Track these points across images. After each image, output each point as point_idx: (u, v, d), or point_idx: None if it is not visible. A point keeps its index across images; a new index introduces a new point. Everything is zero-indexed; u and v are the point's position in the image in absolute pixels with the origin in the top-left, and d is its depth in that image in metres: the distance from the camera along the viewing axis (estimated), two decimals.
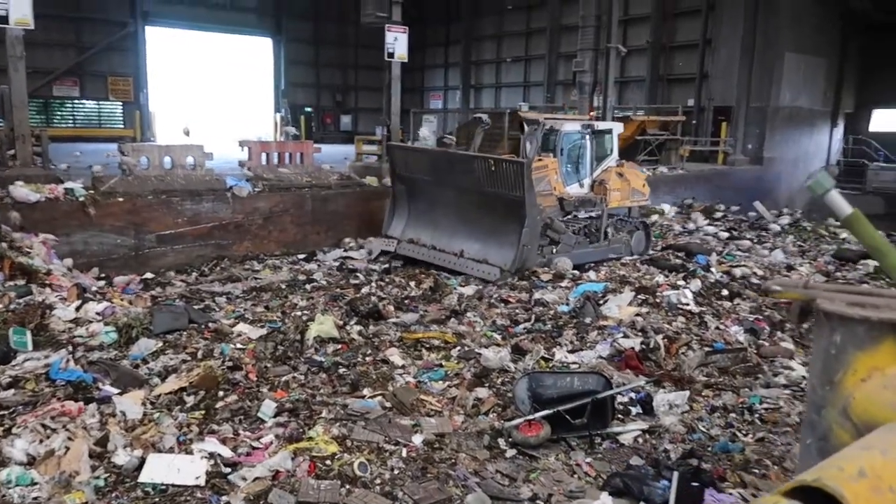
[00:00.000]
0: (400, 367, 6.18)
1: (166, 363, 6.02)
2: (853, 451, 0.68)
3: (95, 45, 28.10)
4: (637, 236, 12.35)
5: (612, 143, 12.69)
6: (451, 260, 10.57)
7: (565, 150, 12.19)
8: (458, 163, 11.11)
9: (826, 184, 0.82)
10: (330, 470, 4.28)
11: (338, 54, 35.20)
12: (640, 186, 12.83)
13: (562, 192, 11.65)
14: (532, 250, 10.12)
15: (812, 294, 0.89)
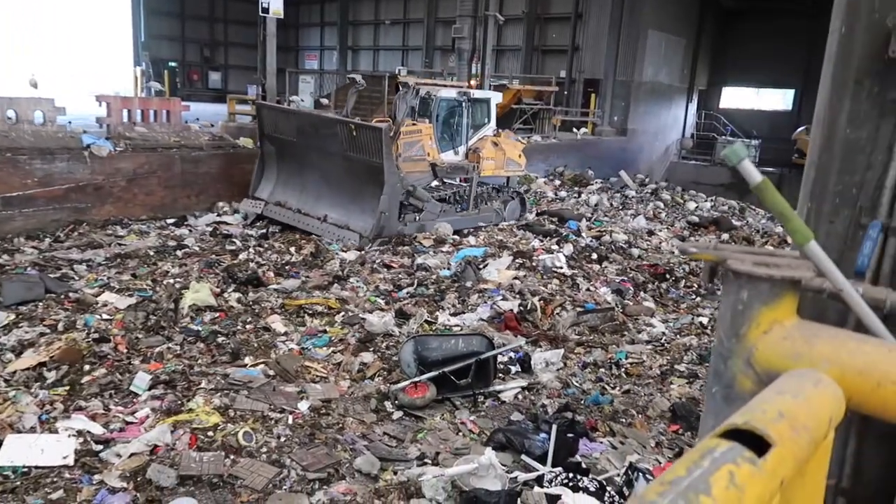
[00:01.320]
0: (282, 335, 6.05)
1: (21, 337, 5.52)
2: (769, 396, 0.77)
3: None
4: (511, 206, 12.61)
5: (490, 113, 12.82)
6: (314, 224, 10.39)
7: (441, 116, 12.20)
8: (322, 126, 10.86)
9: (741, 153, 0.91)
10: (213, 441, 4.15)
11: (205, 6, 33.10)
12: (515, 157, 13.05)
13: (436, 158, 11.66)
14: (392, 217, 10.05)
15: (723, 255, 0.97)
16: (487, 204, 12.18)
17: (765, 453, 0.65)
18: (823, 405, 0.79)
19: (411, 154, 11.19)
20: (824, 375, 0.85)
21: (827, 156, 1.70)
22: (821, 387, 0.82)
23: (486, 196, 12.26)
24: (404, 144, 11.09)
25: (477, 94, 13.00)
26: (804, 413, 0.73)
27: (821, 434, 0.76)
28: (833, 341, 0.92)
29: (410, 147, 11.18)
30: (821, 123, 1.73)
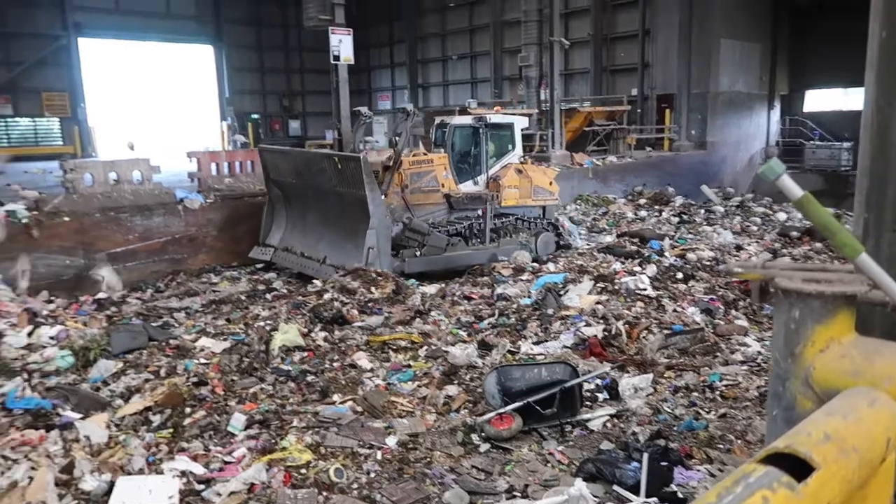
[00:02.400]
0: (368, 371, 6.17)
1: (128, 383, 5.88)
2: (818, 418, 0.74)
3: (26, 61, 27.12)
4: (544, 238, 11.88)
5: (514, 138, 12.12)
6: (315, 267, 9.99)
7: (457, 144, 11.69)
8: (313, 163, 10.53)
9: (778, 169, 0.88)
10: (306, 478, 4.26)
11: (282, 59, 34.82)
12: (545, 184, 12.24)
13: (452, 188, 11.18)
14: (383, 253, 9.50)
15: (770, 273, 0.95)
16: (511, 236, 11.51)
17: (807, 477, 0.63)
18: (879, 425, 0.75)
19: (420, 185, 10.80)
20: (882, 394, 0.81)
21: (881, 163, 1.62)
22: (877, 406, 0.78)
23: (510, 228, 11.57)
24: (411, 175, 10.73)
25: (496, 119, 12.32)
26: (855, 434, 0.70)
27: (876, 456, 0.72)
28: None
29: (419, 178, 10.78)
30: (869, 129, 1.66)
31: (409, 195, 10.71)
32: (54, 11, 27.74)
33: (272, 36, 34.22)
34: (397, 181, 10.60)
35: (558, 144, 18.77)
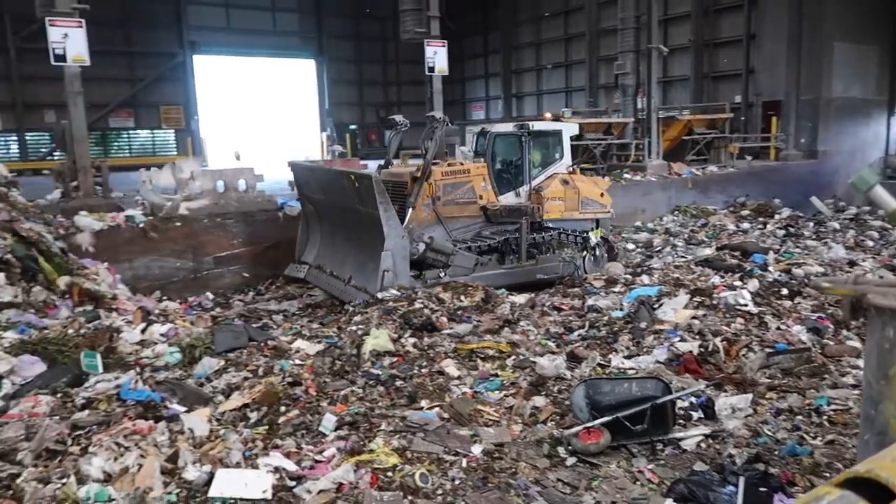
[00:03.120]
0: (456, 378, 6.21)
1: (229, 381, 6.20)
2: None
3: (147, 77, 29.24)
4: (594, 254, 11.24)
5: (562, 147, 11.45)
6: (340, 287, 9.64)
7: (498, 154, 11.17)
8: (334, 180, 10.21)
9: (870, 179, 0.81)
10: (392, 482, 4.33)
11: (379, 71, 35.77)
12: (595, 196, 11.50)
13: (491, 200, 10.60)
14: (401, 275, 9.03)
15: (863, 290, 0.89)
16: (554, 252, 10.85)
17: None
18: None
19: (455, 197, 10.25)
20: None
21: None
22: None
23: (553, 243, 10.91)
24: (444, 186, 10.21)
25: (540, 126, 11.73)
26: None
27: None
28: None
29: (453, 189, 10.24)
30: None
31: (441, 208, 10.13)
32: (173, 32, 29.79)
33: (370, 49, 35.26)
34: (427, 193, 10.06)
35: (655, 154, 18.26)
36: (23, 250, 8.10)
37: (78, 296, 8.30)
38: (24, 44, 25.10)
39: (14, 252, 7.99)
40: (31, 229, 8.48)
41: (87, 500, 4.03)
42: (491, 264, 10.30)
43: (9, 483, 4.25)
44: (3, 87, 27.07)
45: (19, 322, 7.26)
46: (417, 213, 10.04)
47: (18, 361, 6.33)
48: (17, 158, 27.74)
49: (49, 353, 6.55)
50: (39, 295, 7.97)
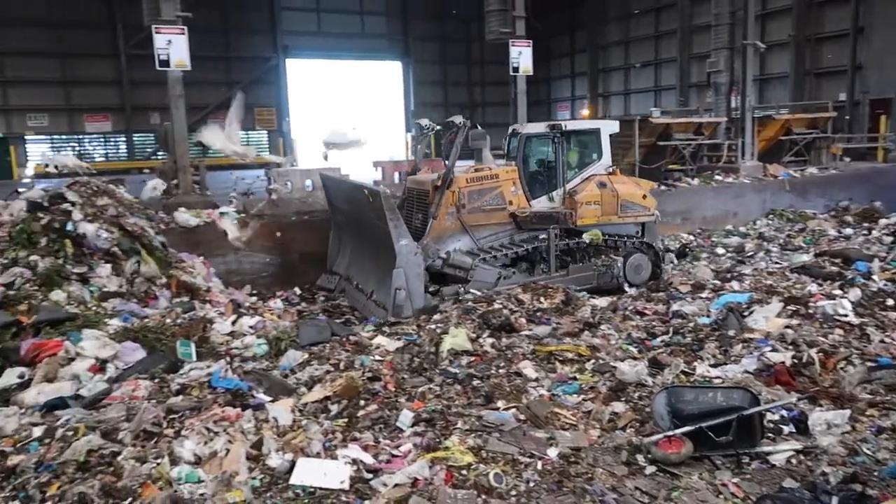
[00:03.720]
0: (533, 380, 6.16)
1: (312, 373, 6.40)
2: None
3: (243, 80, 30.55)
4: (635, 261, 10.54)
5: (601, 146, 10.73)
6: (363, 301, 9.43)
7: (530, 156, 10.62)
8: (353, 193, 9.89)
9: None
10: (466, 480, 4.35)
11: (464, 72, 35.97)
12: (637, 199, 10.73)
13: (522, 206, 10.07)
14: (415, 294, 8.70)
15: None
16: (589, 260, 10.25)
17: None
18: None
19: (481, 204, 9.82)
20: None
21: None
22: None
23: (589, 251, 10.27)
24: (469, 194, 9.79)
25: (574, 125, 11.07)
26: None
27: None
28: None
29: (480, 196, 9.81)
30: None
31: (467, 216, 9.76)
32: (268, 36, 31.06)
33: (455, 50, 35.52)
34: (450, 201, 9.69)
35: (749, 155, 17.48)
36: (128, 243, 8.65)
37: (176, 287, 8.79)
38: (134, 50, 26.80)
39: (120, 245, 8.55)
40: (136, 224, 9.04)
41: (179, 480, 4.26)
42: (515, 276, 9.74)
43: (110, 460, 4.55)
44: (114, 92, 29.04)
45: (123, 311, 7.77)
46: (440, 222, 9.70)
47: (121, 347, 6.78)
48: (125, 157, 29.69)
49: (148, 340, 6.97)
50: (142, 286, 8.49)
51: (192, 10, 12.45)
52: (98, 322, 7.24)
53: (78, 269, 8.10)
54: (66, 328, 6.97)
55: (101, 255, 8.39)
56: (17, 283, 7.60)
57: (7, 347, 6.66)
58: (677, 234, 15.84)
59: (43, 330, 6.91)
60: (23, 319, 6.99)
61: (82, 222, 8.42)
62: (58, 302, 7.56)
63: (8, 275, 7.71)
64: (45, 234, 8.27)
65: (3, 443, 4.96)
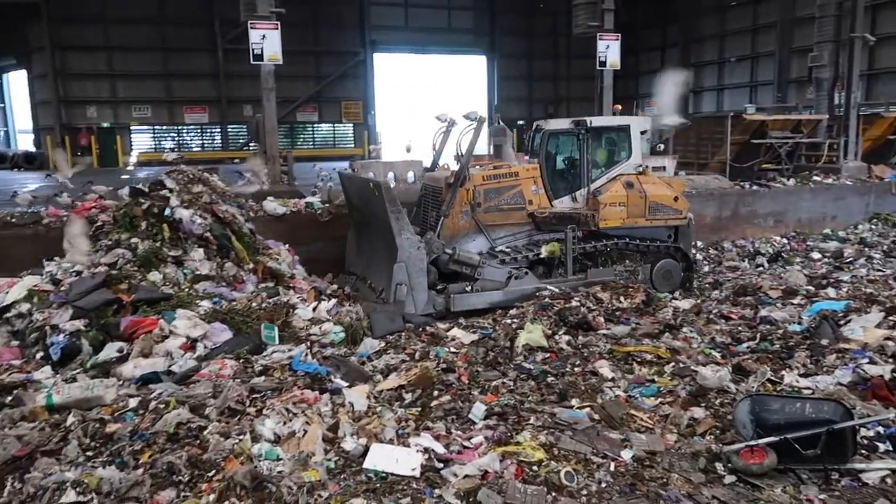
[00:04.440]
0: (609, 380, 6.05)
1: (388, 362, 6.53)
2: None
3: (331, 74, 31.36)
4: (664, 266, 9.92)
5: (631, 144, 10.12)
6: (372, 299, 9.11)
7: (553, 154, 10.15)
8: (364, 188, 9.56)
9: None
10: (536, 476, 4.32)
11: (550, 67, 35.57)
12: (668, 200, 10.06)
13: (543, 205, 9.65)
14: (417, 290, 8.40)
15: None
16: (612, 265, 9.72)
17: None
18: None
19: (498, 202, 9.47)
20: None
21: None
22: None
23: (613, 254, 9.72)
24: (485, 192, 9.46)
25: (601, 122, 10.54)
26: None
27: None
28: None
29: (497, 194, 9.46)
30: None
31: (483, 214, 9.47)
32: (356, 31, 31.72)
33: (541, 44, 35.15)
34: (465, 199, 9.42)
35: (852, 154, 16.47)
36: (219, 229, 9.05)
37: (262, 273, 9.12)
38: (230, 45, 28.05)
39: (212, 231, 8.96)
40: (227, 211, 9.45)
41: (260, 456, 4.44)
42: (529, 278, 9.29)
43: (197, 433, 4.81)
44: (211, 84, 30.44)
45: (213, 294, 8.15)
46: (453, 221, 9.45)
47: (211, 328, 7.12)
48: (220, 148, 31.08)
49: (235, 322, 7.29)
50: (231, 270, 8.88)
51: (284, 6, 12.87)
52: (190, 303, 7.64)
53: (174, 253, 8.54)
54: (162, 307, 7.39)
55: (195, 239, 8.82)
56: (119, 264, 8.10)
57: (108, 323, 7.14)
58: (769, 236, 15.13)
59: (140, 308, 7.35)
60: (123, 297, 7.46)
61: (179, 208, 8.86)
62: (155, 282, 8.01)
63: (111, 255, 8.22)
64: (146, 218, 8.76)
65: (103, 411, 5.32)
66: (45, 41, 27.99)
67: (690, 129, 19.09)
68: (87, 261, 8.23)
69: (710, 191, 15.55)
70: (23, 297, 7.59)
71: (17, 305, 7.54)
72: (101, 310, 7.26)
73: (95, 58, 29.03)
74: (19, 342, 7.22)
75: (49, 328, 7.11)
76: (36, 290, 7.68)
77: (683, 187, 10.84)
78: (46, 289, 7.74)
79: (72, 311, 7.23)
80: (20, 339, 7.26)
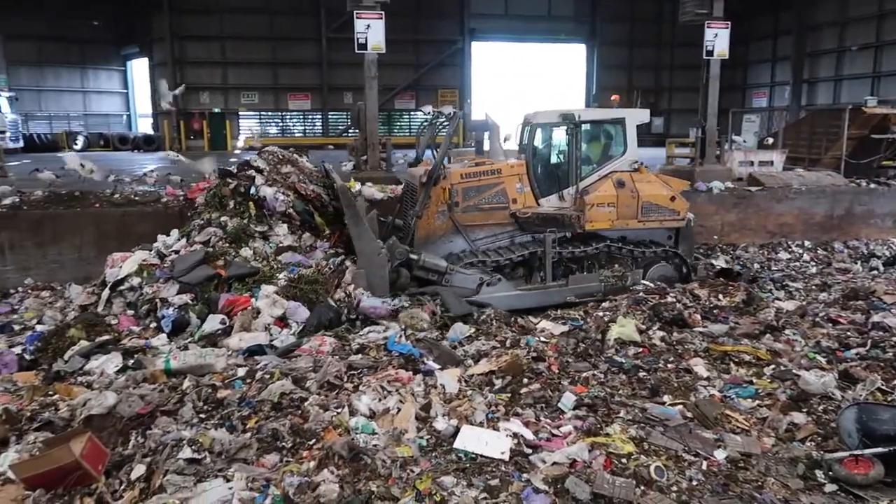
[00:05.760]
0: (704, 379, 5.91)
1: (479, 348, 6.65)
2: None
3: (429, 63, 31.69)
4: (658, 271, 9.28)
5: (626, 139, 9.40)
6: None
7: (540, 149, 9.48)
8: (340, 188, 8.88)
9: None
10: (625, 468, 4.32)
11: (652, 55, 34.44)
12: (661, 200, 9.34)
13: (529, 205, 9.05)
14: (380, 296, 7.90)
15: None
16: (596, 269, 9.07)
17: None
18: None
19: (478, 202, 8.95)
20: None
21: None
22: None
23: (601, 258, 9.10)
24: (464, 190, 8.93)
25: (592, 114, 9.74)
26: None
27: None
28: None
29: (477, 193, 8.94)
30: None
31: (461, 215, 9.01)
32: (455, 20, 31.90)
33: (644, 32, 34.07)
34: (442, 198, 8.97)
35: None
36: (301, 205, 9.51)
37: (336, 241, 9.39)
38: (334, 34, 28.93)
39: (294, 207, 9.43)
40: (313, 190, 9.87)
41: (356, 429, 4.67)
42: (502, 284, 8.92)
43: (298, 404, 5.11)
44: (314, 72, 31.53)
45: (291, 263, 8.55)
46: (429, 221, 9.03)
47: (289, 306, 7.51)
48: (320, 134, 32.15)
49: (305, 292, 7.58)
50: (308, 240, 9.32)
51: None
52: (272, 277, 8.05)
53: (260, 228, 9.05)
54: (250, 284, 7.82)
55: (278, 215, 9.31)
56: (212, 241, 8.64)
57: (211, 298, 7.64)
58: (886, 238, 14.16)
59: (233, 286, 7.81)
60: (221, 272, 7.97)
61: (263, 186, 9.38)
62: (246, 258, 8.48)
63: (204, 234, 8.80)
64: (233, 197, 9.35)
65: (214, 378, 5.74)
66: (165, 31, 29.89)
67: (802, 123, 18.07)
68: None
69: (821, 188, 14.72)
70: (134, 271, 8.24)
71: (130, 279, 8.19)
72: (203, 284, 7.78)
73: (210, 47, 30.71)
74: (133, 312, 7.86)
75: (159, 301, 7.70)
76: (145, 264, 8.31)
77: (683, 186, 10.05)
78: (154, 263, 8.36)
79: (178, 286, 7.79)
80: (133, 309, 7.90)
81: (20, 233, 10.86)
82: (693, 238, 10.05)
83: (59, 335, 7.16)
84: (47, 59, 32.48)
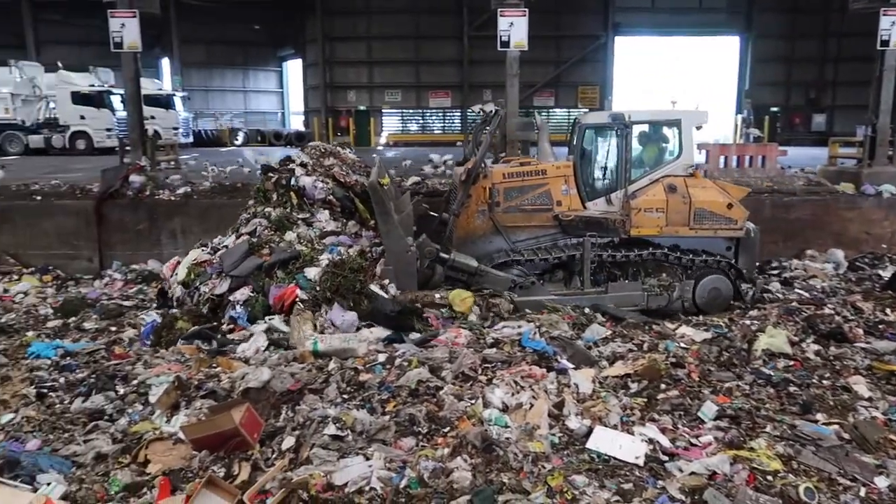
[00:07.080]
0: (865, 399, 5.43)
1: (615, 350, 6.52)
2: None
3: (570, 59, 31.25)
4: (710, 283, 8.62)
5: (682, 141, 8.77)
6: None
7: (588, 151, 9.04)
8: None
9: None
10: (771, 486, 4.08)
11: (815, 47, 31.74)
12: (717, 207, 8.60)
13: (574, 207, 8.70)
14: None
15: None
16: (641, 278, 8.58)
17: None
18: None
19: (521, 202, 8.66)
20: None
21: None
22: None
23: (648, 265, 8.60)
24: (505, 191, 8.64)
25: (645, 115, 9.06)
26: None
27: None
28: None
29: (521, 194, 8.66)
30: None
31: (501, 215, 8.73)
32: (598, 15, 31.20)
33: (808, 22, 31.44)
34: (481, 198, 8.73)
35: None
36: (341, 192, 9.84)
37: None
38: (475, 32, 29.31)
39: (334, 194, 9.77)
40: (356, 180, 10.16)
41: (490, 420, 4.77)
42: (536, 288, 8.56)
43: (434, 392, 5.29)
44: (455, 70, 32.12)
45: (333, 244, 8.74)
46: (468, 220, 8.83)
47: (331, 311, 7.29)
48: (459, 131, 32.70)
49: (349, 281, 7.51)
50: (353, 228, 9.61)
51: None
52: (314, 259, 8.21)
53: (302, 216, 9.43)
54: (293, 269, 8.03)
55: (319, 203, 9.67)
56: (258, 231, 9.04)
57: (263, 286, 7.87)
58: None
59: (275, 276, 8.00)
60: (267, 259, 8.29)
61: (302, 176, 9.78)
62: (291, 242, 8.78)
63: (250, 225, 9.23)
64: (276, 189, 9.80)
65: (357, 362, 6.06)
66: (317, 33, 31.69)
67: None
68: None
69: None
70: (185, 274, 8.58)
71: (192, 282, 8.44)
72: (254, 274, 8.07)
73: (357, 47, 32.18)
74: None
75: (228, 301, 7.91)
76: (194, 264, 8.66)
77: (743, 194, 9.14)
78: (205, 259, 8.70)
79: (228, 280, 8.09)
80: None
81: (189, 219, 12.03)
82: (756, 251, 9.30)
83: (169, 327, 7.68)
84: (214, 61, 35.54)
